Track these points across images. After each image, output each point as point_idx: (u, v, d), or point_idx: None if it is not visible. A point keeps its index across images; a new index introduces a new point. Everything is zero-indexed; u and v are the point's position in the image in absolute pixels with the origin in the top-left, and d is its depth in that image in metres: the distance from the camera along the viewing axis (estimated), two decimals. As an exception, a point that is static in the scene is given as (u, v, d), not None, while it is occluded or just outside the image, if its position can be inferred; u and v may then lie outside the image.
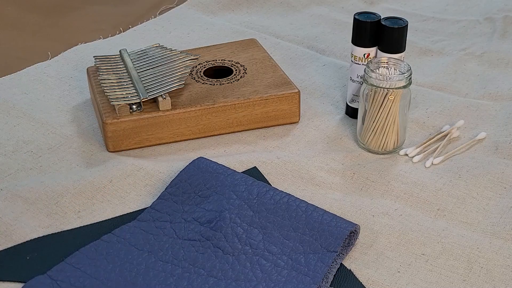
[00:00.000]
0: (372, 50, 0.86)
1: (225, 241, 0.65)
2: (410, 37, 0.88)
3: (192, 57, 0.90)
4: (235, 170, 0.74)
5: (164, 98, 0.83)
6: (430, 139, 0.85)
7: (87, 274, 0.62)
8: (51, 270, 0.63)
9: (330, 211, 0.71)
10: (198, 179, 0.73)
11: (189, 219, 0.69)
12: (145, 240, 0.67)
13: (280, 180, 0.78)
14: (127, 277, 0.62)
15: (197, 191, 0.72)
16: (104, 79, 0.86)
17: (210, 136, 0.87)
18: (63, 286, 0.61)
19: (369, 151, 0.84)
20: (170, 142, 0.86)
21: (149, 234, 0.67)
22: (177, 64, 0.89)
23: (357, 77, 0.88)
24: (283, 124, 0.89)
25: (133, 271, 0.63)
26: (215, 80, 0.90)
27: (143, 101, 0.83)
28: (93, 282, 0.62)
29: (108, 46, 1.09)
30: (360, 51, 0.86)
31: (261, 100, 0.86)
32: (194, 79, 0.90)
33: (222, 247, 0.65)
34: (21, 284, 0.63)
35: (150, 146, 0.85)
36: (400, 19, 0.84)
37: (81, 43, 1.10)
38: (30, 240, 0.69)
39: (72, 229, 0.71)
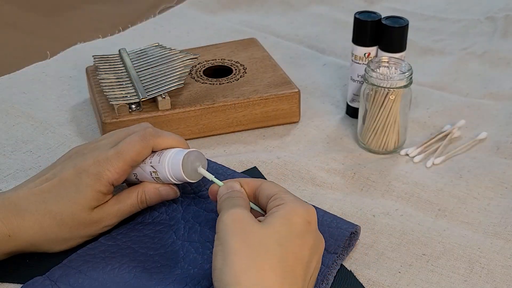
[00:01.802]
0: (372, 50, 0.85)
1: None
2: (410, 36, 0.88)
3: (192, 57, 0.90)
4: (235, 170, 0.74)
5: (164, 97, 0.83)
6: (431, 139, 0.85)
7: (86, 275, 0.62)
8: (49, 272, 0.63)
9: (330, 211, 0.71)
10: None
11: (188, 220, 0.68)
12: (144, 241, 0.66)
13: (280, 180, 0.78)
14: (126, 278, 0.62)
15: (196, 192, 0.71)
16: (103, 79, 0.86)
17: (209, 136, 0.87)
18: (61, 287, 0.61)
19: (370, 151, 0.83)
20: (169, 142, 0.85)
21: (148, 235, 0.67)
22: (176, 63, 0.88)
23: (358, 77, 0.87)
24: (283, 124, 0.89)
25: (132, 272, 0.63)
26: (215, 79, 0.89)
27: (142, 101, 0.83)
28: (92, 284, 0.61)
29: (107, 45, 1.08)
30: (361, 50, 0.85)
31: (261, 99, 0.86)
32: (194, 78, 0.90)
33: None
34: (21, 285, 0.63)
35: (149, 146, 0.84)
36: (400, 18, 0.84)
37: (80, 43, 1.09)
38: (29, 240, 0.69)
39: (71, 229, 0.70)
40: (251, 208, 0.60)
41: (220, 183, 0.62)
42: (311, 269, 0.56)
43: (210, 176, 0.63)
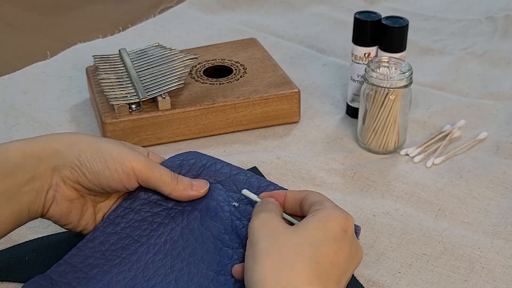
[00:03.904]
0: (372, 50, 0.85)
1: (225, 233, 0.64)
2: (410, 36, 0.88)
3: (192, 57, 0.90)
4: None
5: (164, 97, 0.83)
6: (431, 139, 0.85)
7: (87, 274, 0.62)
8: (50, 270, 0.62)
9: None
10: (195, 168, 0.71)
11: (187, 208, 0.67)
12: (142, 227, 0.65)
13: (280, 180, 0.78)
14: (127, 277, 0.61)
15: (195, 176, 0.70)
16: (103, 79, 0.86)
17: (210, 136, 0.87)
18: (62, 286, 0.61)
19: (370, 151, 0.83)
20: (169, 142, 0.85)
21: (146, 219, 0.66)
22: (176, 63, 0.88)
23: (358, 77, 0.87)
24: (283, 124, 0.89)
25: (133, 269, 0.62)
26: (215, 79, 0.89)
27: (142, 101, 0.83)
28: (93, 283, 0.61)
29: (107, 45, 1.08)
30: (361, 50, 0.85)
31: (261, 99, 0.86)
32: (194, 78, 0.90)
33: (222, 239, 0.63)
34: (20, 284, 0.63)
35: (149, 146, 0.84)
36: (400, 18, 0.84)
37: (80, 43, 1.09)
38: (30, 240, 0.69)
39: (71, 229, 0.70)
40: (286, 219, 0.60)
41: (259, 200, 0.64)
42: (346, 277, 0.56)
43: (254, 197, 0.64)
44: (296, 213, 0.61)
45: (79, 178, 0.62)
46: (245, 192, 0.65)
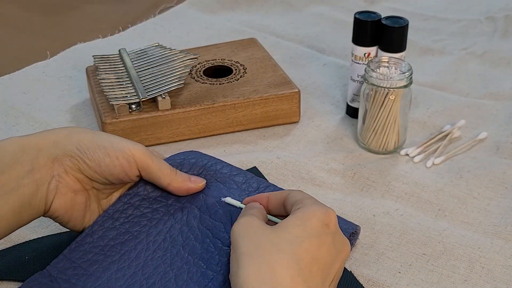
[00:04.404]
0: (372, 50, 0.85)
1: (225, 232, 0.64)
2: (410, 36, 0.88)
3: (192, 57, 0.90)
4: (232, 165, 0.72)
5: (164, 97, 0.83)
6: (431, 139, 0.85)
7: (86, 270, 0.62)
8: (50, 265, 0.62)
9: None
10: (196, 168, 0.71)
11: (187, 205, 0.67)
12: (141, 223, 0.65)
13: (280, 180, 0.78)
14: (126, 275, 0.61)
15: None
16: (103, 79, 0.86)
17: (210, 136, 0.87)
18: (61, 283, 0.61)
19: (370, 151, 0.83)
20: (169, 142, 0.85)
21: (146, 215, 0.66)
22: (176, 63, 0.88)
23: (358, 77, 0.87)
24: (283, 124, 0.89)
25: (132, 267, 0.62)
26: (215, 79, 0.89)
27: (142, 101, 0.83)
28: (91, 280, 0.61)
29: (107, 45, 1.08)
30: (361, 50, 0.85)
31: (261, 99, 0.86)
32: (194, 78, 0.90)
33: (221, 238, 0.63)
34: (20, 284, 0.63)
35: (149, 146, 0.84)
36: (400, 18, 0.84)
37: (80, 43, 1.09)
38: (30, 240, 0.69)
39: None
40: (273, 222, 0.60)
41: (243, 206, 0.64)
42: (332, 271, 0.56)
43: (238, 203, 0.64)
44: (281, 213, 0.61)
45: (80, 166, 0.62)
46: (228, 199, 0.65)
